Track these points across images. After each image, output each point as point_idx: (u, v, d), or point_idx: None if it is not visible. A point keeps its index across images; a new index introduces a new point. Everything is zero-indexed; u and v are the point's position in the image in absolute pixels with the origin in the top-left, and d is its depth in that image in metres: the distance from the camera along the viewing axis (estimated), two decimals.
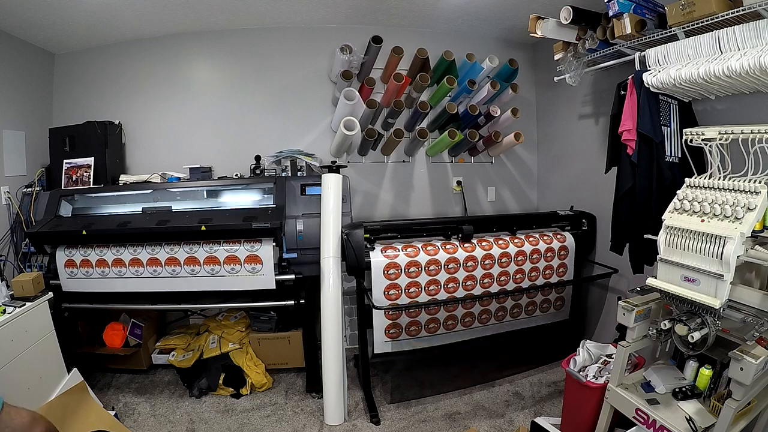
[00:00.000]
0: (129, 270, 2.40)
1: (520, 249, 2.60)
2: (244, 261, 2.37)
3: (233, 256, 2.38)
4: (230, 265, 2.38)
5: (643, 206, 2.06)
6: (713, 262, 1.41)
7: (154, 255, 2.38)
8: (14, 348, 1.85)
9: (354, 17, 2.92)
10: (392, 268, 2.37)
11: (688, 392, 1.67)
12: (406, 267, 2.39)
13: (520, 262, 2.61)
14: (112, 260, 2.40)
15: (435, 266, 2.44)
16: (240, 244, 2.38)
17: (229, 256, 2.38)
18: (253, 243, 2.38)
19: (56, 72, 3.00)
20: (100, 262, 2.40)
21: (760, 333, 1.40)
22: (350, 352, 3.02)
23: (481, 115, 2.96)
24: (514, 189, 3.57)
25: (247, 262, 2.38)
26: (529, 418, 2.29)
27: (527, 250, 2.62)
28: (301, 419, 2.39)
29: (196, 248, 2.38)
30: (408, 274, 2.40)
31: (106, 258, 2.40)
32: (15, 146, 2.67)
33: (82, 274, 2.41)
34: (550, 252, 2.68)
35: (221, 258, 2.38)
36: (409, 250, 2.43)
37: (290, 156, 2.80)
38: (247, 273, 2.38)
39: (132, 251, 2.40)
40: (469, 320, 2.64)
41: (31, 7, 2.36)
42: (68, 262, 2.40)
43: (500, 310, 2.70)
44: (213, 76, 3.13)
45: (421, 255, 2.42)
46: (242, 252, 2.37)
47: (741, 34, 1.61)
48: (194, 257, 2.38)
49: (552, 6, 2.39)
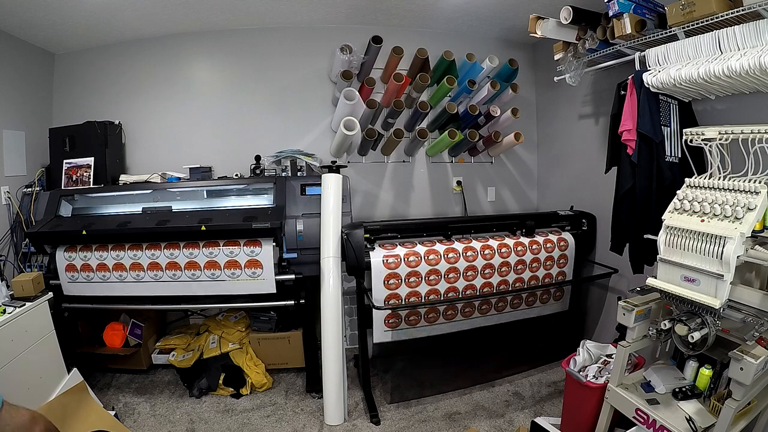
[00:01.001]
0: (130, 274, 2.40)
1: (521, 250, 2.59)
2: (245, 265, 2.37)
3: (234, 260, 2.36)
4: (231, 269, 2.37)
5: (643, 206, 2.06)
6: (713, 262, 1.41)
7: (155, 260, 2.38)
8: (14, 348, 1.85)
9: (354, 17, 2.92)
10: (392, 270, 2.37)
11: (688, 392, 1.67)
12: (405, 267, 2.39)
13: (519, 271, 2.61)
14: (113, 264, 2.39)
15: (435, 268, 2.44)
16: (240, 248, 2.37)
17: (230, 261, 2.37)
18: (253, 247, 2.37)
19: (56, 72, 3.00)
20: (101, 266, 2.40)
21: (760, 333, 1.40)
22: (350, 352, 3.02)
23: (481, 115, 2.96)
24: (514, 189, 3.57)
25: (247, 267, 2.37)
26: (529, 418, 2.29)
27: (527, 257, 2.61)
28: (301, 419, 2.39)
29: (196, 252, 2.37)
30: (407, 276, 2.40)
31: (106, 262, 2.40)
32: (15, 146, 2.67)
33: (84, 278, 2.41)
34: (551, 251, 2.68)
35: (222, 262, 2.37)
36: (409, 250, 2.43)
37: (290, 156, 2.80)
38: (247, 277, 2.37)
39: (132, 255, 2.39)
40: (469, 311, 2.62)
41: (31, 7, 2.36)
42: (69, 266, 2.40)
43: (500, 301, 2.68)
44: (213, 76, 3.13)
45: (421, 256, 2.42)
46: (242, 257, 2.36)
47: (741, 34, 1.61)
48: (195, 262, 2.37)
49: (552, 6, 2.39)
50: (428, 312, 2.52)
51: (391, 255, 2.38)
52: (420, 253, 2.43)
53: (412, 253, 2.41)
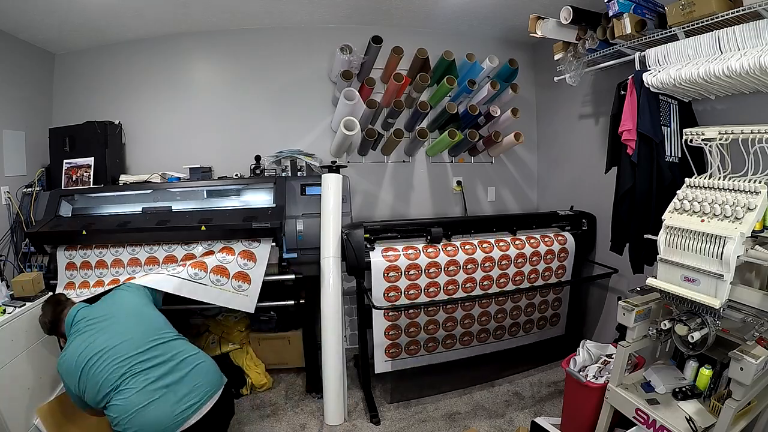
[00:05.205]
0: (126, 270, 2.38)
1: (520, 251, 2.60)
2: (232, 277, 2.27)
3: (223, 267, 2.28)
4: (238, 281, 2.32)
5: (643, 206, 2.06)
6: (713, 262, 1.41)
7: (153, 254, 2.38)
8: (14, 348, 1.85)
9: (354, 17, 2.92)
10: (392, 270, 2.37)
11: (688, 392, 1.67)
12: (405, 269, 2.40)
13: (520, 264, 2.62)
14: (111, 261, 2.39)
15: (435, 269, 2.44)
16: (234, 256, 2.30)
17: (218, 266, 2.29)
18: (246, 260, 2.30)
19: (56, 72, 3.00)
20: (100, 263, 2.39)
21: (760, 333, 1.40)
22: (350, 352, 3.02)
23: (481, 115, 2.96)
24: (514, 189, 3.57)
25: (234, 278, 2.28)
26: (529, 418, 2.29)
27: (527, 253, 2.62)
28: (301, 419, 2.39)
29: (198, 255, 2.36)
30: (407, 269, 2.41)
31: (105, 259, 2.39)
32: (15, 146, 2.67)
33: (82, 277, 2.40)
34: (550, 254, 2.69)
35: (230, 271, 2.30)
36: (409, 251, 2.43)
37: (290, 156, 2.80)
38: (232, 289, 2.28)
39: (131, 251, 2.38)
40: (468, 339, 2.68)
41: (32, 8, 2.35)
42: (69, 264, 2.39)
43: (498, 329, 2.74)
44: (213, 76, 3.13)
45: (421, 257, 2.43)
46: (234, 266, 2.28)
47: (741, 34, 1.61)
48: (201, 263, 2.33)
49: (552, 6, 2.39)
50: (427, 342, 2.58)
51: (391, 254, 2.38)
52: (419, 251, 2.43)
53: (413, 253, 2.42)
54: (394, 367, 2.54)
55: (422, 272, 2.42)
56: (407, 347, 2.54)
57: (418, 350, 2.58)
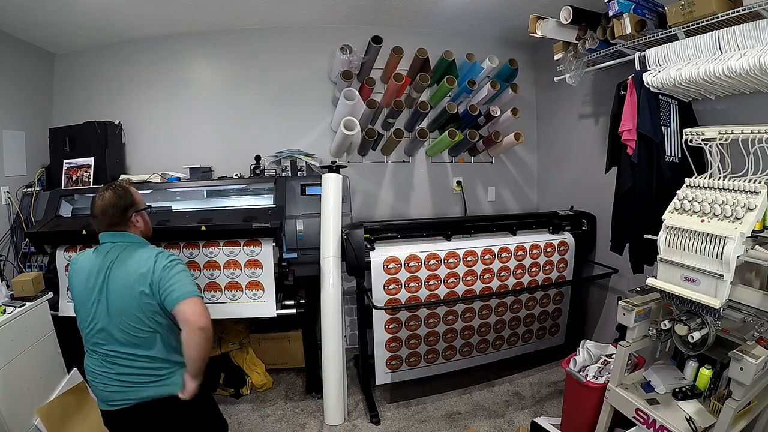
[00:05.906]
0: None
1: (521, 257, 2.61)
2: (246, 287, 2.31)
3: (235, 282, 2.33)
4: (231, 291, 2.33)
5: (643, 206, 2.06)
6: (713, 262, 1.41)
7: None
8: (14, 348, 1.85)
9: (354, 17, 2.92)
10: (392, 262, 2.37)
11: (688, 392, 1.66)
12: (405, 264, 2.39)
13: (519, 275, 2.63)
14: None
15: (434, 264, 2.44)
16: (242, 270, 2.32)
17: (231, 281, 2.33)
18: (254, 269, 2.32)
19: (56, 72, 3.00)
20: None
21: (760, 333, 1.40)
22: (350, 352, 3.02)
23: (481, 115, 2.96)
24: (514, 189, 3.57)
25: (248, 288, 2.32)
26: (529, 418, 2.29)
27: (527, 245, 2.63)
28: (301, 419, 2.39)
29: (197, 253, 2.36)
30: (408, 266, 2.41)
31: None
32: (15, 146, 2.67)
33: None
34: (550, 247, 2.70)
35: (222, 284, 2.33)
36: (409, 252, 2.43)
37: (290, 156, 2.80)
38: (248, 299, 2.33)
39: None
40: (468, 350, 2.69)
41: (32, 7, 2.35)
42: None
43: (498, 339, 2.75)
44: (213, 75, 3.13)
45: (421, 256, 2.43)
46: (244, 278, 2.31)
47: (741, 34, 1.61)
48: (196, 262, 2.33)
49: (552, 6, 2.39)
50: (428, 353, 2.58)
51: (391, 254, 2.38)
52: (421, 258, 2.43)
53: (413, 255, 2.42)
54: (394, 379, 2.55)
55: (422, 264, 2.43)
56: (408, 359, 2.55)
57: (419, 362, 2.59)
